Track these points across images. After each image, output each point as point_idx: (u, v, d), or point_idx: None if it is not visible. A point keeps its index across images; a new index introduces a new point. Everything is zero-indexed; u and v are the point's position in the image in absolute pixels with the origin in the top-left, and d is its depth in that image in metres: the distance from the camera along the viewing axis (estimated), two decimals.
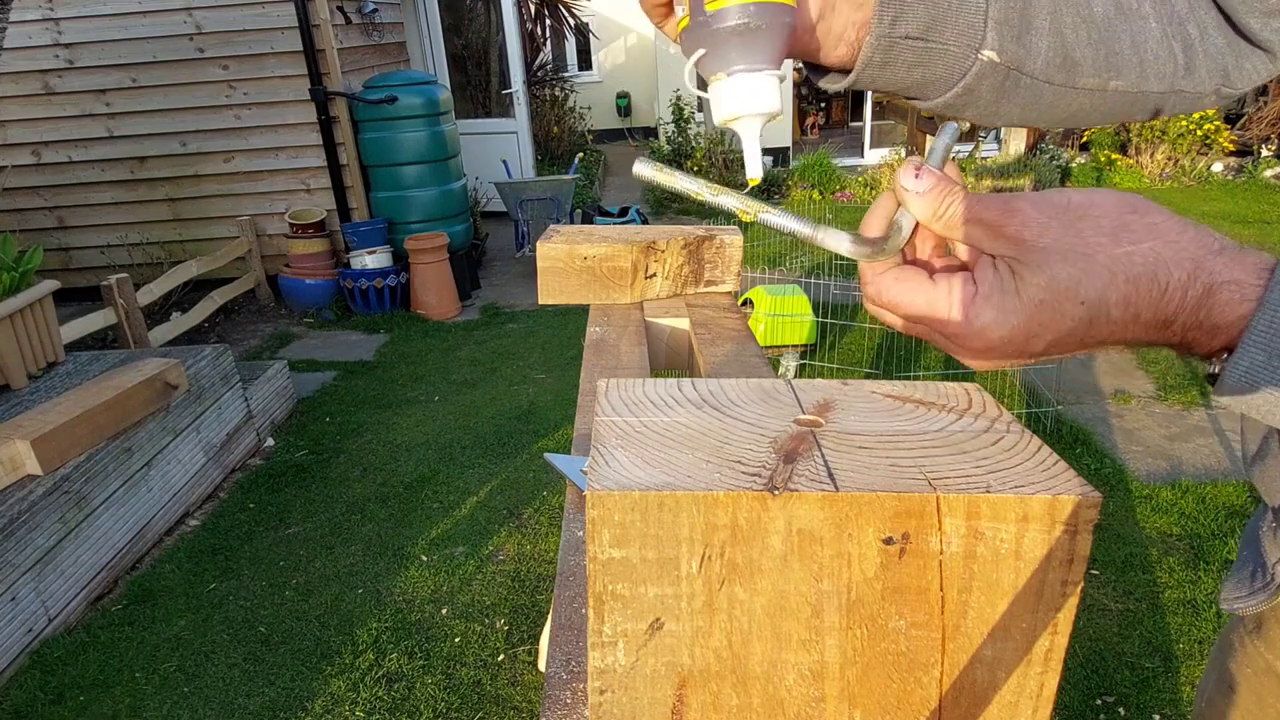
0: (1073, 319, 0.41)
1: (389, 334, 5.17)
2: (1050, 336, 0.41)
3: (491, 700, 2.23)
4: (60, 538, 2.52)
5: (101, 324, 3.93)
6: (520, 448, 3.59)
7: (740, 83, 0.56)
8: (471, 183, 6.77)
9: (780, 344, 4.10)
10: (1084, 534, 0.34)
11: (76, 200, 5.64)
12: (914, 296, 0.46)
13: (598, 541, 0.35)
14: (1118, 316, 0.40)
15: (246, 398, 3.60)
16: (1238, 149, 8.36)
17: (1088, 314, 0.40)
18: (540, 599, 2.60)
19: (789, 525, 0.34)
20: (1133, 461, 3.27)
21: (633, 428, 0.40)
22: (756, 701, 0.38)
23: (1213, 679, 0.77)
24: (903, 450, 0.37)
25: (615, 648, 0.37)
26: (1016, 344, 0.42)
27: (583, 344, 0.99)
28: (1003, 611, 0.35)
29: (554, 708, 0.50)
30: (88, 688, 2.33)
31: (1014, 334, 0.42)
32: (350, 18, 5.68)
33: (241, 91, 5.42)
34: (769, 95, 0.57)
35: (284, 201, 5.62)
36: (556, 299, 1.07)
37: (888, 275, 0.47)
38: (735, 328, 0.99)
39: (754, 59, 0.55)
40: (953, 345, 0.45)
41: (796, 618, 0.36)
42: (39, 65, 5.32)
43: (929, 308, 0.45)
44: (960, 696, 0.37)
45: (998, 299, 0.42)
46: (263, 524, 3.12)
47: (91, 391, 2.78)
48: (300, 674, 2.35)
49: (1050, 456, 0.37)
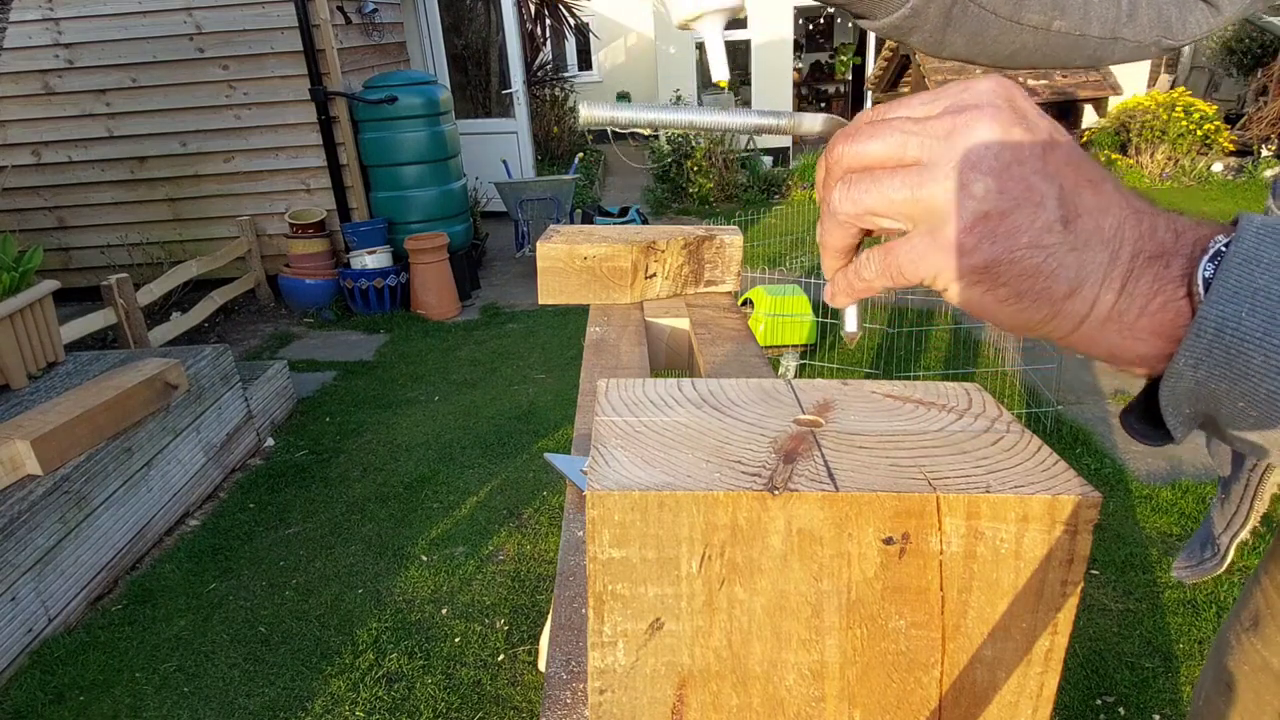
0: (1043, 131, 0.35)
1: (389, 334, 5.17)
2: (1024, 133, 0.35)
3: (491, 700, 2.23)
4: (60, 538, 2.52)
5: (101, 324, 3.93)
6: (520, 448, 3.59)
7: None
8: (471, 183, 6.77)
9: (780, 344, 4.10)
10: (1084, 534, 0.34)
11: (76, 200, 5.65)
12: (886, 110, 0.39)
13: (598, 541, 0.35)
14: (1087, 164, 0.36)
15: (246, 398, 3.60)
16: (1238, 149, 8.37)
17: (1052, 129, 0.36)
18: (540, 599, 2.60)
19: (789, 525, 0.34)
20: (1133, 461, 3.27)
21: (633, 428, 0.40)
22: (756, 701, 0.38)
23: (1210, 677, 0.77)
24: (903, 450, 0.37)
25: (615, 648, 0.37)
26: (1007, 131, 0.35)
27: (583, 344, 0.99)
28: (1003, 611, 0.35)
29: (554, 708, 0.50)
30: (88, 688, 2.33)
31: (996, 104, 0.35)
32: (350, 18, 5.68)
33: (241, 91, 5.42)
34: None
35: (284, 201, 5.62)
36: (556, 299, 1.07)
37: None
38: (735, 328, 0.99)
39: None
40: (926, 160, 0.36)
41: (796, 617, 0.36)
42: (39, 65, 5.32)
43: (902, 104, 0.39)
44: (960, 696, 0.37)
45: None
46: (263, 524, 3.12)
47: (91, 391, 2.78)
48: (300, 674, 2.35)
49: (1050, 456, 0.37)
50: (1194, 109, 7.97)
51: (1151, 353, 0.34)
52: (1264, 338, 0.31)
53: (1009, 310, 0.36)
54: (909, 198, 0.36)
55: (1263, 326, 0.31)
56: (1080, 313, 0.35)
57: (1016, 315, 0.36)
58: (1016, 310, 0.36)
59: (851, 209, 0.38)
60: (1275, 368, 0.31)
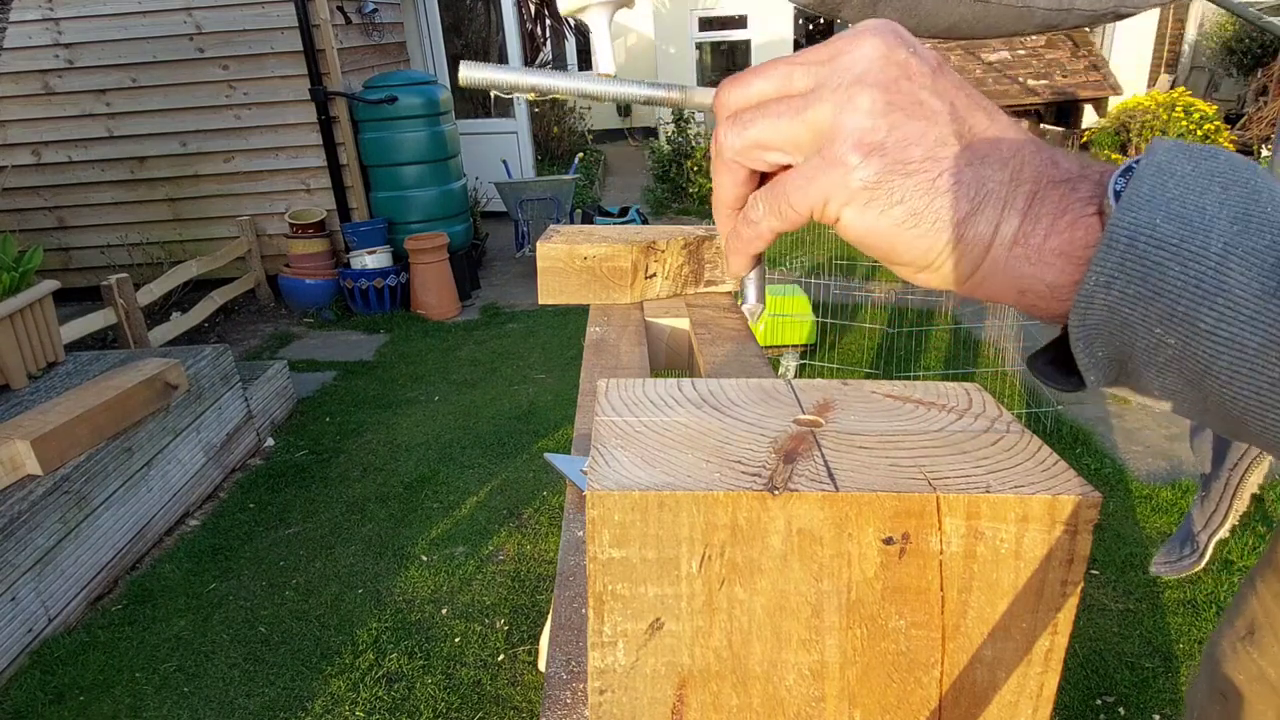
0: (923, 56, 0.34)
1: (389, 334, 5.17)
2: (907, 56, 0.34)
3: (491, 700, 2.23)
4: (60, 538, 2.52)
5: (101, 324, 3.93)
6: (520, 448, 3.59)
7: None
8: (471, 183, 6.77)
9: (780, 344, 4.10)
10: (1084, 534, 0.34)
11: (76, 200, 5.65)
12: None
13: (598, 541, 0.35)
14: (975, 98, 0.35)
15: (246, 398, 3.60)
16: (1238, 149, 8.37)
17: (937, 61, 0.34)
18: (540, 599, 2.60)
19: (789, 525, 0.34)
20: (1133, 461, 3.27)
21: (633, 428, 0.40)
22: (756, 701, 0.38)
23: (1204, 686, 0.76)
24: (903, 450, 0.37)
25: (615, 648, 0.37)
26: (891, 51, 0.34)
27: (583, 344, 0.99)
28: (1003, 611, 0.35)
29: (554, 708, 0.50)
30: (88, 688, 2.33)
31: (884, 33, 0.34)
32: (350, 18, 5.68)
33: (241, 91, 5.42)
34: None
35: (284, 201, 5.62)
36: (556, 299, 1.07)
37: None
38: (735, 328, 0.99)
39: None
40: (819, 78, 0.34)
41: (796, 617, 0.36)
42: (39, 65, 5.32)
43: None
44: (960, 696, 0.37)
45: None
46: (263, 524, 3.12)
47: (91, 391, 2.78)
48: (300, 674, 2.35)
49: (1050, 456, 0.37)
50: (1194, 109, 7.97)
51: (1062, 280, 0.32)
52: (1180, 244, 0.28)
53: (909, 236, 0.33)
54: (795, 121, 0.34)
55: (1178, 233, 0.28)
56: (984, 237, 0.33)
57: (917, 242, 0.33)
58: (916, 235, 0.33)
59: (737, 142, 0.36)
60: (1194, 281, 0.28)
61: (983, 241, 0.33)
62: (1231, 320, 0.28)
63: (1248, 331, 0.28)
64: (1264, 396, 0.28)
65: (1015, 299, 0.34)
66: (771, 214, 0.36)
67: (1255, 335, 0.27)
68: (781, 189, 0.35)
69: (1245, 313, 0.27)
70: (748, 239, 0.38)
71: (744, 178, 0.38)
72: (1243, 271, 0.27)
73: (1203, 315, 0.28)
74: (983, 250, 0.33)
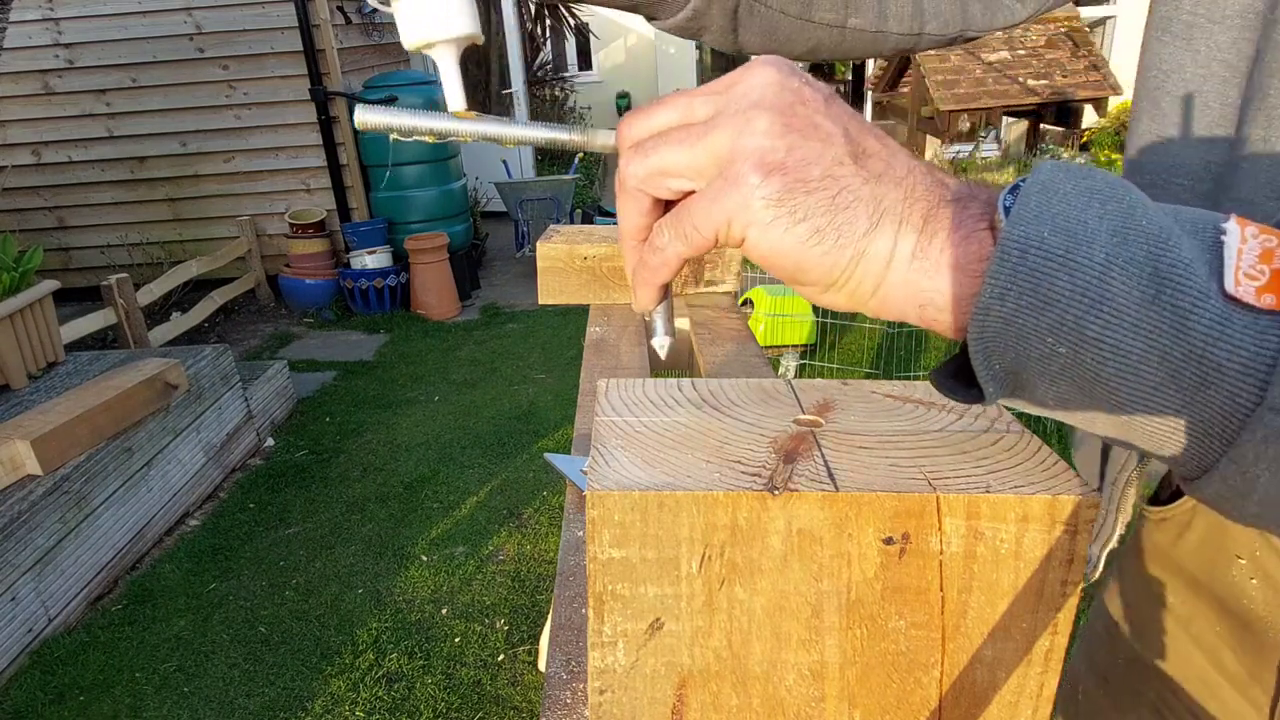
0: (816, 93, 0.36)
1: (389, 334, 5.17)
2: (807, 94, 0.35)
3: (491, 700, 2.24)
4: (60, 538, 2.52)
5: (101, 324, 3.93)
6: (520, 448, 3.59)
7: (422, 2, 0.48)
8: (471, 183, 6.77)
9: (780, 344, 4.10)
10: (1084, 534, 0.34)
11: (76, 200, 5.65)
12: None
13: (598, 541, 0.35)
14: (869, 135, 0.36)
15: (246, 398, 3.60)
16: None
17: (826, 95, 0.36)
18: (540, 599, 2.61)
19: (789, 525, 0.34)
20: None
21: (633, 428, 0.40)
22: (756, 701, 0.38)
23: (1083, 670, 0.78)
24: (903, 450, 0.38)
25: (615, 648, 0.37)
26: (784, 79, 0.35)
27: (583, 344, 0.99)
28: (1003, 612, 0.35)
29: (554, 708, 0.50)
30: (88, 688, 2.33)
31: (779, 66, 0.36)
32: (350, 18, 5.68)
33: (241, 91, 5.42)
34: (458, 16, 0.49)
35: (284, 201, 5.62)
36: (556, 299, 1.07)
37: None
38: (735, 328, 0.99)
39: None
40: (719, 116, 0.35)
41: (796, 618, 0.36)
42: (39, 65, 5.32)
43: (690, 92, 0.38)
44: (960, 696, 0.37)
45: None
46: (263, 524, 3.12)
47: (91, 391, 2.78)
48: (300, 674, 2.35)
49: (1050, 456, 0.37)
50: None
51: (960, 292, 0.33)
52: (1066, 255, 0.30)
53: (814, 254, 0.34)
54: (697, 147, 0.35)
55: (1064, 245, 0.30)
56: (884, 252, 0.34)
57: (823, 260, 0.34)
58: (821, 253, 0.34)
59: (640, 170, 0.37)
60: (1080, 290, 0.29)
61: (883, 257, 0.34)
62: (1116, 328, 0.29)
63: (1130, 338, 0.29)
64: (1148, 402, 0.30)
65: (917, 314, 0.35)
66: (677, 238, 0.36)
67: (1138, 342, 0.29)
68: (686, 212, 0.36)
69: (1128, 320, 0.29)
70: (654, 267, 0.38)
71: (648, 207, 0.38)
72: (1123, 281, 0.29)
73: (1089, 324, 0.29)
74: (883, 266, 0.34)
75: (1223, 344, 0.28)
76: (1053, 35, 7.67)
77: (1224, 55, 0.52)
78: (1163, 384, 0.29)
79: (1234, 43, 0.52)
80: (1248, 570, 0.57)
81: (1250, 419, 0.28)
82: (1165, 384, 0.29)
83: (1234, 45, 0.52)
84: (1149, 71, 0.58)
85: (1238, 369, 0.28)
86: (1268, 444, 0.28)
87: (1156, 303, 0.29)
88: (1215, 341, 0.28)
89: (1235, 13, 0.51)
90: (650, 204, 0.38)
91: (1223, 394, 0.28)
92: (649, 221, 0.38)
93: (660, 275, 0.38)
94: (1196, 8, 0.53)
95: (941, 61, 7.24)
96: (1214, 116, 0.53)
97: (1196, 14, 0.53)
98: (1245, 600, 0.57)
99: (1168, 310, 0.29)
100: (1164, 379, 0.29)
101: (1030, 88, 7.22)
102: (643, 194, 0.38)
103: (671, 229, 0.36)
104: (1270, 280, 0.28)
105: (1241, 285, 0.28)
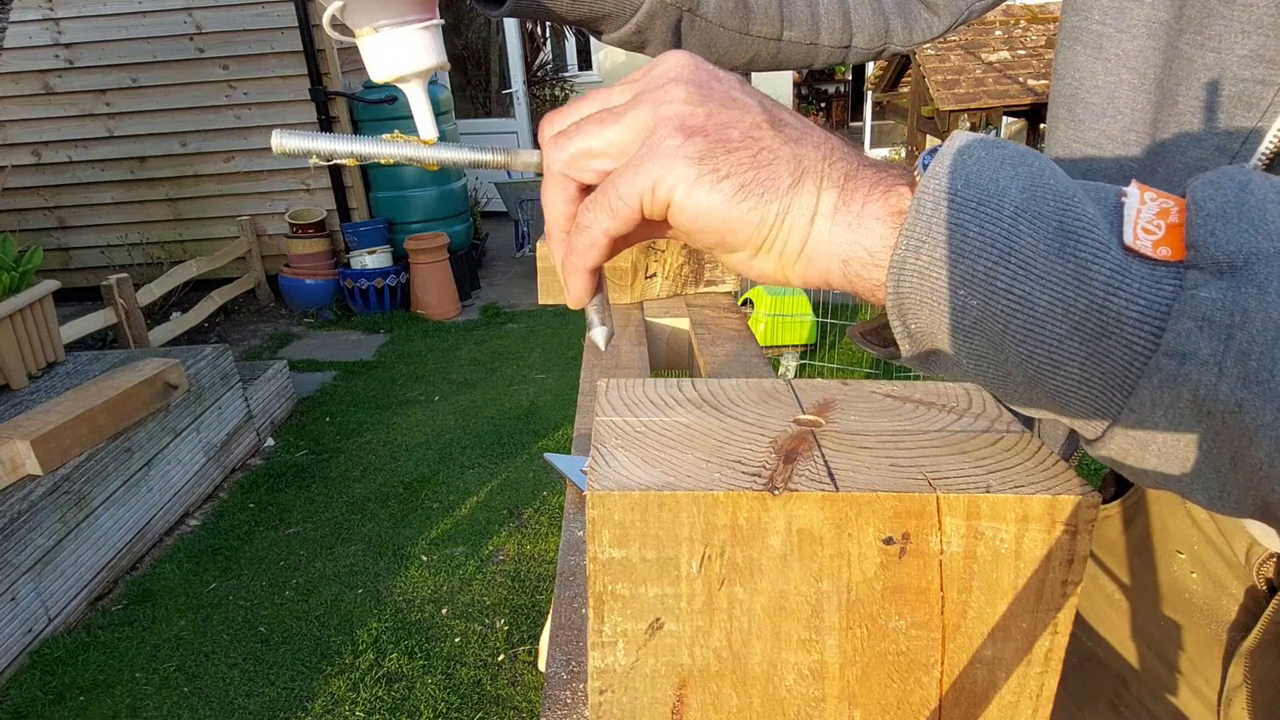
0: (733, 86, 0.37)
1: (389, 334, 5.17)
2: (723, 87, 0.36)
3: (491, 700, 2.24)
4: (60, 538, 2.52)
5: (101, 324, 3.93)
6: (520, 448, 3.59)
7: (389, 39, 0.49)
8: (471, 183, 6.77)
9: (780, 344, 4.10)
10: (1084, 534, 0.34)
11: (76, 200, 5.65)
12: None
13: (598, 541, 0.35)
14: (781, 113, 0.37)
15: (246, 398, 3.60)
16: None
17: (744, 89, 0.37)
18: (540, 599, 2.61)
19: (789, 525, 0.34)
20: None
21: (633, 428, 0.40)
22: (756, 701, 0.38)
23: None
24: (903, 450, 0.38)
25: (615, 648, 0.37)
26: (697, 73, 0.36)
27: (583, 344, 0.99)
28: (1003, 611, 0.35)
29: (554, 708, 0.50)
30: (88, 688, 2.33)
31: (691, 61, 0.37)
32: None
33: (241, 91, 5.42)
34: (425, 49, 0.50)
35: (284, 201, 5.62)
36: (557, 299, 1.07)
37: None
38: (735, 328, 0.99)
39: (400, 10, 0.49)
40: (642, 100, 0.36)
41: (796, 618, 0.36)
42: (39, 65, 5.32)
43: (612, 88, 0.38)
44: (960, 696, 0.37)
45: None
46: (263, 524, 3.12)
47: (91, 391, 2.78)
48: (300, 674, 2.35)
49: (1050, 456, 0.37)
50: None
51: (880, 245, 0.34)
52: (978, 207, 0.31)
53: (740, 210, 0.34)
54: (618, 125, 0.36)
55: (976, 196, 0.31)
56: (809, 207, 0.34)
57: (749, 215, 0.34)
58: (747, 209, 0.34)
59: (563, 155, 0.37)
60: (989, 240, 0.30)
61: (807, 211, 0.35)
62: (1023, 279, 0.30)
63: (1038, 290, 0.30)
64: (1054, 355, 0.31)
65: (841, 270, 0.35)
66: (602, 213, 0.36)
67: (1044, 294, 0.30)
68: (610, 183, 0.36)
69: (1035, 272, 0.30)
70: (583, 249, 0.38)
71: (573, 193, 0.38)
72: (1032, 234, 0.30)
73: (999, 274, 0.30)
74: (808, 221, 0.35)
75: (1121, 293, 0.29)
76: (1053, 35, 7.67)
77: (1132, 63, 0.54)
78: (1067, 336, 0.30)
79: (1140, 51, 0.53)
80: (1188, 565, 0.58)
81: (1147, 365, 0.29)
82: (1069, 335, 0.30)
83: (1140, 54, 0.53)
84: (1063, 80, 0.59)
85: (1135, 317, 0.29)
86: (1163, 389, 0.29)
87: (1061, 255, 0.30)
88: (1115, 291, 0.29)
89: (1140, 22, 0.53)
90: (576, 190, 0.38)
91: (1122, 343, 0.29)
92: (575, 209, 0.38)
93: (589, 258, 0.38)
94: (1105, 18, 0.55)
95: (941, 61, 7.24)
96: (1126, 122, 0.55)
97: (1105, 24, 0.55)
98: (1187, 595, 0.58)
99: (1071, 261, 0.30)
100: (1068, 330, 0.30)
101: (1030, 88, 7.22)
102: (568, 179, 0.38)
103: (596, 205, 0.36)
104: (1166, 234, 0.30)
105: (1139, 240, 0.30)
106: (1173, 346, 0.28)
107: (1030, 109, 7.31)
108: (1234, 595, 0.55)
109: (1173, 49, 0.51)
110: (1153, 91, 0.53)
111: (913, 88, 8.17)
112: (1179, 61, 0.50)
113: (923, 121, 7.96)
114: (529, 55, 10.15)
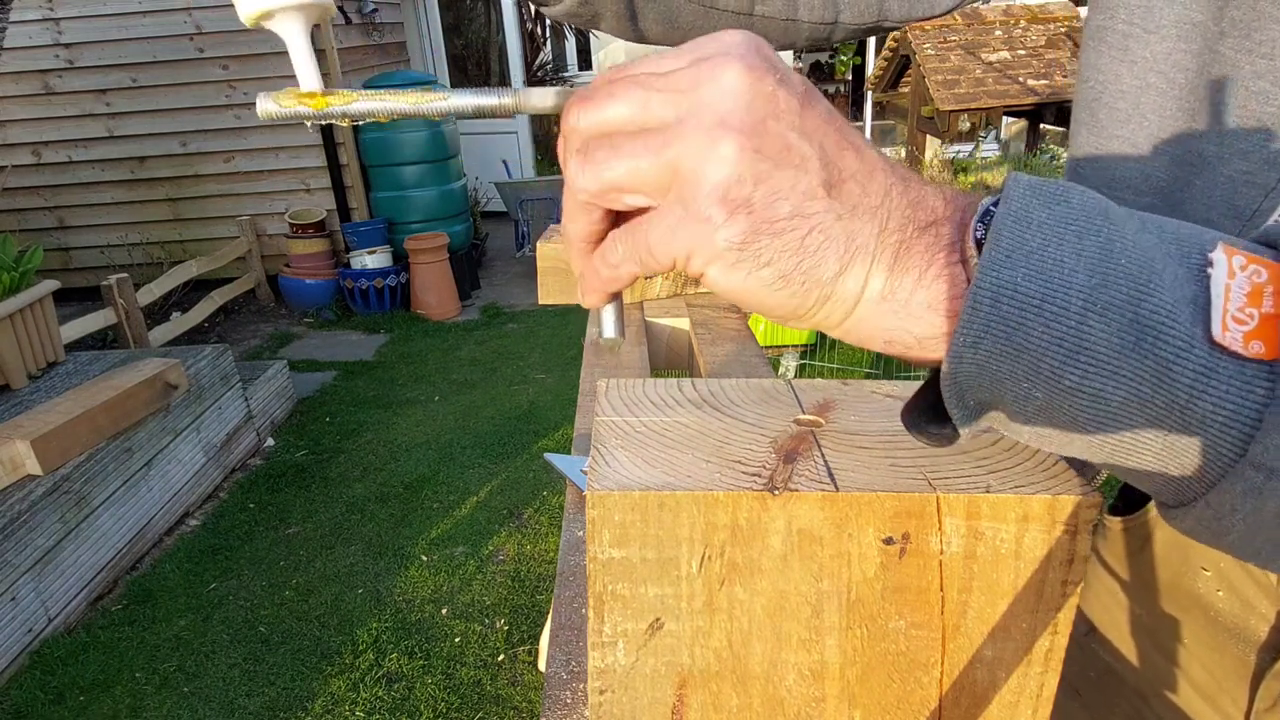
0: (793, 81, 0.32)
1: (389, 334, 5.17)
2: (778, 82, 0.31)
3: (491, 700, 2.23)
4: (60, 538, 2.52)
5: (101, 324, 3.93)
6: (520, 448, 3.58)
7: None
8: (471, 183, 6.77)
9: (780, 344, 4.10)
10: (1084, 534, 0.34)
11: (76, 200, 5.64)
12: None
13: (598, 541, 0.35)
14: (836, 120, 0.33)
15: (246, 398, 3.60)
16: None
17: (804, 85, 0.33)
18: (540, 599, 2.60)
19: (789, 525, 0.34)
20: None
21: (633, 428, 0.40)
22: (756, 701, 0.38)
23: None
24: (903, 450, 0.37)
25: (615, 648, 0.37)
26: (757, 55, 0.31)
27: (583, 344, 0.99)
28: (1003, 611, 0.35)
29: (554, 708, 0.50)
30: (88, 688, 2.33)
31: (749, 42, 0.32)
32: (350, 18, 5.68)
33: (241, 91, 5.42)
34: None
35: (284, 201, 5.62)
36: (557, 299, 1.07)
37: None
38: (735, 328, 0.99)
39: None
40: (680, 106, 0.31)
41: (796, 618, 0.36)
42: (39, 65, 5.32)
43: (648, 60, 0.34)
44: (960, 696, 0.37)
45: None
46: (263, 524, 3.12)
47: (91, 391, 2.78)
48: (300, 674, 2.35)
49: (1050, 456, 0.37)
50: None
51: (930, 333, 0.31)
52: (1042, 304, 0.28)
53: (778, 297, 0.32)
54: (654, 164, 0.31)
55: (1040, 292, 0.28)
56: (853, 294, 0.32)
57: (787, 302, 0.32)
58: (786, 296, 0.32)
59: (592, 184, 0.33)
60: (1056, 339, 0.28)
61: (851, 297, 0.32)
62: (1095, 376, 0.28)
63: (1110, 386, 0.28)
64: (1128, 445, 0.29)
65: (883, 346, 0.33)
66: (631, 260, 0.34)
67: (1118, 390, 0.28)
68: (643, 236, 0.33)
69: (1108, 368, 0.28)
70: (606, 279, 0.36)
71: (600, 217, 0.35)
72: (1103, 327, 0.28)
73: (1067, 373, 0.28)
74: (851, 305, 0.32)
75: (1207, 396, 0.27)
76: (1053, 35, 7.67)
77: (1160, 67, 0.51)
78: (1143, 427, 0.28)
79: (1169, 54, 0.50)
80: (1213, 582, 0.55)
81: (1231, 471, 0.27)
82: (1145, 427, 0.28)
83: (1169, 57, 0.50)
84: (1086, 82, 0.56)
85: (1221, 421, 0.27)
86: (1246, 497, 0.27)
87: (1138, 350, 0.27)
88: (1199, 394, 0.27)
89: (1170, 23, 0.49)
90: (603, 214, 0.35)
91: (1204, 443, 0.28)
92: (602, 230, 0.36)
93: (611, 286, 0.36)
94: (1132, 17, 0.52)
95: (941, 61, 7.24)
96: (1152, 130, 0.52)
97: (1132, 24, 0.52)
98: (1212, 613, 0.56)
99: (1150, 359, 0.27)
100: (1144, 423, 0.28)
101: (1030, 88, 7.21)
102: (595, 205, 0.34)
103: (627, 248, 0.34)
104: (1259, 325, 0.27)
105: (1229, 331, 0.27)
106: (1260, 460, 0.26)
107: (1031, 109, 7.30)
108: (1264, 615, 0.52)
109: (1210, 53, 0.48)
110: (1183, 98, 0.50)
111: (913, 88, 8.17)
112: (1219, 66, 0.47)
113: (923, 121, 7.96)
114: (529, 55, 10.15)
